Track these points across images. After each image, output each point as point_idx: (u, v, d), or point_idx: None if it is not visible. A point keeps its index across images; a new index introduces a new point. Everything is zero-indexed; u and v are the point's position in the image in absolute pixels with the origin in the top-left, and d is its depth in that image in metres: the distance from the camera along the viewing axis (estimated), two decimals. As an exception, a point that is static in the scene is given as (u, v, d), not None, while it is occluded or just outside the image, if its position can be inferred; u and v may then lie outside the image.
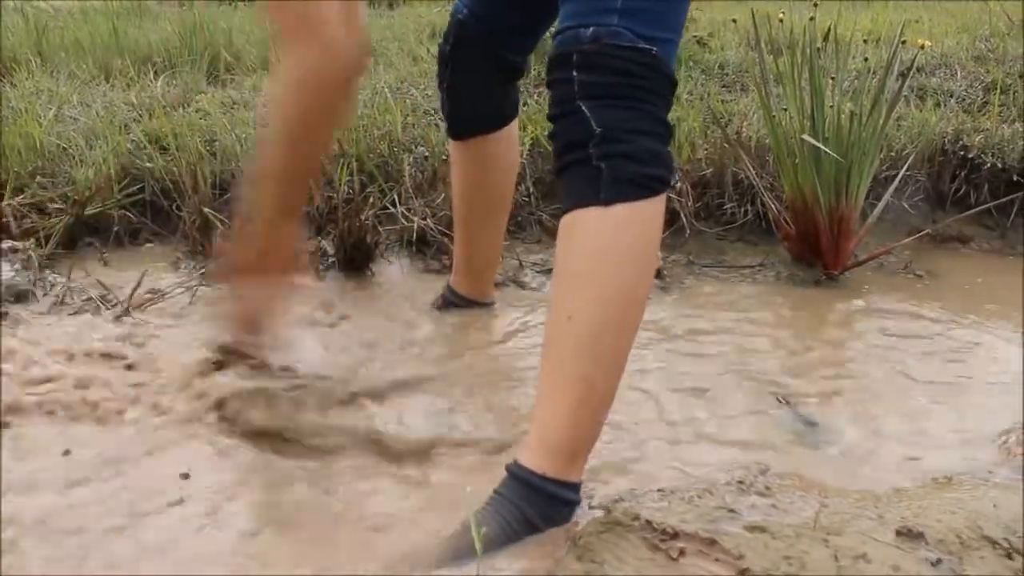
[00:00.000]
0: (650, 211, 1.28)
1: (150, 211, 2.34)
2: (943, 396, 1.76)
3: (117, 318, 1.88)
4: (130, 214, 2.31)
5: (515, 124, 1.89)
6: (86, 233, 2.27)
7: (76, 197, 2.25)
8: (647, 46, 1.25)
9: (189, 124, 2.55)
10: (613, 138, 1.25)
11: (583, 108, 1.26)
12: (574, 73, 1.27)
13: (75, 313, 1.90)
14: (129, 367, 1.67)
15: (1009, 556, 1.18)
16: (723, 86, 3.14)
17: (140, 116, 2.68)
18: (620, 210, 1.25)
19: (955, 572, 1.14)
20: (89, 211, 2.25)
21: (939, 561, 1.16)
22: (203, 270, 2.12)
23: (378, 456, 1.47)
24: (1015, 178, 2.54)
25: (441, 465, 1.46)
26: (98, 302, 1.94)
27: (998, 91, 2.94)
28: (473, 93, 1.82)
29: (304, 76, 1.46)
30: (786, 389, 1.74)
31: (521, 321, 1.97)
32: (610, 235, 1.25)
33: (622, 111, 1.26)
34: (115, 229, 2.28)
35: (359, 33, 1.49)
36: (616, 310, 1.25)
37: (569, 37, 1.28)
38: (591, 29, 1.26)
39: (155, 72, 3.22)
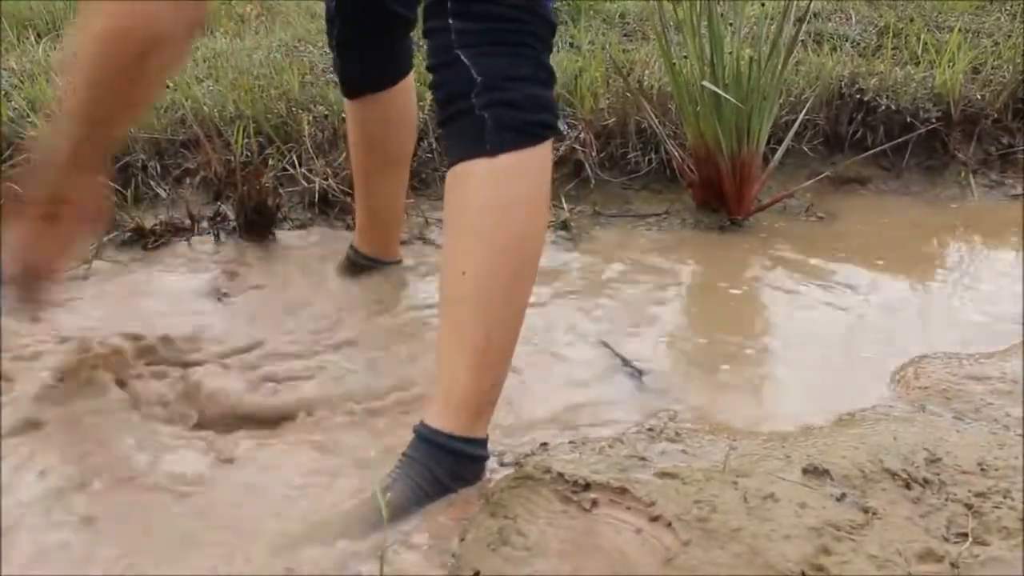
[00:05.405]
0: (537, 158, 1.26)
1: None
2: (844, 333, 1.80)
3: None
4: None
5: (410, 78, 1.84)
6: None
7: None
8: None
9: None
10: (494, 86, 1.23)
11: (462, 57, 1.23)
12: (450, 21, 1.24)
13: None
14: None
15: (908, 486, 1.22)
16: (624, 35, 3.13)
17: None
18: (506, 159, 1.23)
19: (858, 505, 1.17)
20: None
21: (843, 496, 1.18)
22: None
23: (286, 424, 1.45)
24: (908, 119, 2.60)
25: (351, 430, 1.44)
26: None
27: (891, 34, 3.00)
28: (362, 50, 1.76)
29: (114, 21, 1.26)
30: (688, 333, 1.77)
31: (429, 278, 1.94)
32: (498, 185, 1.24)
33: (502, 58, 1.23)
34: None
35: None
36: (508, 261, 1.24)
37: None
38: None
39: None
